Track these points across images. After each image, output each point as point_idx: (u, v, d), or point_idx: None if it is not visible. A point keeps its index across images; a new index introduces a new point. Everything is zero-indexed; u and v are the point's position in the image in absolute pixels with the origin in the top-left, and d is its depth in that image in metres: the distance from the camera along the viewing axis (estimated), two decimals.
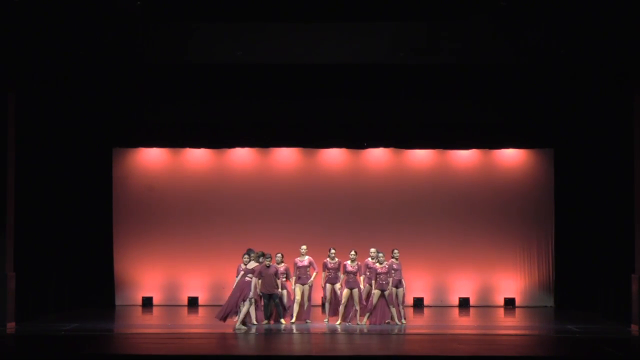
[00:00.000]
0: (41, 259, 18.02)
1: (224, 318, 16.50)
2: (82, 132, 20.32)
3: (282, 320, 17.18)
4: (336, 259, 17.48)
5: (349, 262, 17.28)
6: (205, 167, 21.75)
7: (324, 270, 17.54)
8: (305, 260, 17.44)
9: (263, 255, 16.98)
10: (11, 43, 15.45)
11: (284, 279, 17.49)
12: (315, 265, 17.53)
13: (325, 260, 17.59)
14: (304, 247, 17.58)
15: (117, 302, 21.33)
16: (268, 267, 17.14)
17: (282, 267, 17.44)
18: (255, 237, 20.54)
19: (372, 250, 17.32)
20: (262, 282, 17.08)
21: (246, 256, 17.06)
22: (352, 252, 17.34)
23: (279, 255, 17.52)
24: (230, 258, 20.57)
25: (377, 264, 17.05)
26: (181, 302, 21.48)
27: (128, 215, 21.47)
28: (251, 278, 16.55)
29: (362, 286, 17.11)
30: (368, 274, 17.08)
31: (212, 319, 19.01)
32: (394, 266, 17.17)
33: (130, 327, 17.40)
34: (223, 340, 15.09)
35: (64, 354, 13.03)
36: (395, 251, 17.34)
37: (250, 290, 16.45)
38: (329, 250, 17.58)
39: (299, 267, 17.38)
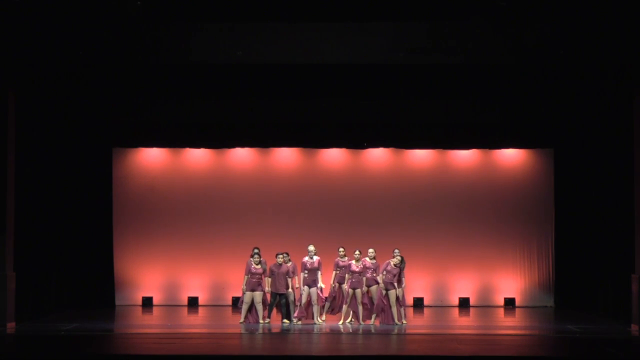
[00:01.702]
0: (41, 259, 18.01)
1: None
2: (82, 132, 20.31)
3: (285, 320, 17.20)
4: (346, 258, 17.48)
5: (353, 261, 17.32)
6: (205, 167, 21.75)
7: (335, 270, 17.55)
8: (315, 261, 17.38)
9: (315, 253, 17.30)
10: (11, 43, 15.44)
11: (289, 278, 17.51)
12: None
13: (336, 260, 17.56)
14: (311, 247, 17.54)
15: (117, 302, 21.33)
16: (280, 265, 17.22)
17: (290, 266, 17.44)
18: (255, 236, 20.54)
19: (370, 250, 17.42)
20: (272, 281, 17.18)
21: (256, 255, 17.17)
22: (357, 252, 17.37)
23: (286, 254, 17.50)
24: (230, 258, 20.64)
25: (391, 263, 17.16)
26: (181, 302, 21.48)
27: (128, 215, 21.47)
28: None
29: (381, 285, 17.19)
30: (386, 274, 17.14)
31: (212, 319, 19.08)
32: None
33: (130, 327, 17.40)
34: (223, 340, 15.09)
35: (64, 354, 13.02)
36: (397, 251, 17.38)
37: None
38: (339, 250, 17.58)
39: (308, 269, 17.32)
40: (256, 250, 17.49)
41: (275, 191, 21.62)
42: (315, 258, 17.38)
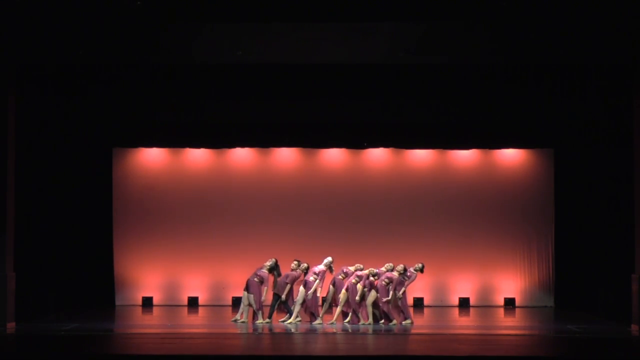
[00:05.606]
0: (41, 259, 18.00)
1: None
2: (82, 132, 20.30)
3: (290, 320, 17.20)
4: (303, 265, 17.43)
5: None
6: (205, 167, 21.76)
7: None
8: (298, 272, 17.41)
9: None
10: (11, 43, 15.44)
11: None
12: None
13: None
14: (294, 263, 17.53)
15: (117, 302, 21.33)
16: (287, 275, 17.35)
17: (296, 273, 17.42)
18: (254, 236, 20.58)
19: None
20: (277, 282, 17.30)
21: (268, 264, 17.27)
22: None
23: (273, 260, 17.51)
24: (231, 258, 20.66)
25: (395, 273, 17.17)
26: (181, 302, 21.48)
27: (128, 215, 21.47)
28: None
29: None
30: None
31: (212, 319, 19.09)
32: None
33: (130, 327, 17.41)
34: (223, 340, 15.09)
35: (64, 354, 13.02)
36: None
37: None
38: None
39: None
40: (270, 263, 17.47)
41: (275, 191, 21.62)
42: (299, 270, 17.34)
